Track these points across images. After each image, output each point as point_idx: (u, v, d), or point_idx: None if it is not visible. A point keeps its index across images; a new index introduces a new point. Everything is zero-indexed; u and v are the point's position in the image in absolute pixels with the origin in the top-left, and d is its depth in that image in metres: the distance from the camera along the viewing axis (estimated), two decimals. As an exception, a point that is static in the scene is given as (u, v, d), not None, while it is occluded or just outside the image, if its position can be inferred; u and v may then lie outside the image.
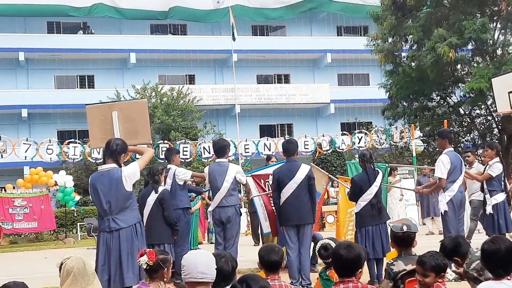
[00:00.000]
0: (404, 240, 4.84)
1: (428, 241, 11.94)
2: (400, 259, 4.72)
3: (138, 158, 6.04)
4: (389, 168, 16.26)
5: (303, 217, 7.60)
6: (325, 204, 19.12)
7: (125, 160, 5.96)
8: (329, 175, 9.32)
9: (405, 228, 4.87)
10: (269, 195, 8.70)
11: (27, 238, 20.49)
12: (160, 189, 7.90)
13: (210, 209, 8.16)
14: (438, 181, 7.97)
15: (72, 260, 3.69)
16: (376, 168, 8.06)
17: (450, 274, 4.59)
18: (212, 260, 3.58)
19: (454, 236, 5.10)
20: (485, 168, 8.94)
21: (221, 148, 8.12)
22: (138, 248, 5.53)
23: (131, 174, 5.60)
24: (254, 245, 14.89)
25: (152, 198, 7.88)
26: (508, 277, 3.43)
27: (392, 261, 4.75)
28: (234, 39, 24.68)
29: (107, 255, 5.54)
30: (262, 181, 8.97)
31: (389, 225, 5.03)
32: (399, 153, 25.69)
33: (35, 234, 20.40)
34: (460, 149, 25.20)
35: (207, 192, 11.01)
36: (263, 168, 9.59)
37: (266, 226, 8.77)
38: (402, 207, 15.61)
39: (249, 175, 9.10)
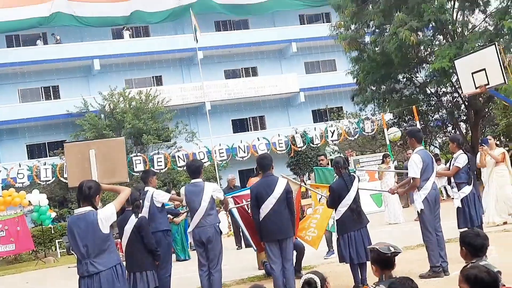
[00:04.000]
0: (389, 261, 4.83)
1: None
2: (382, 283, 4.72)
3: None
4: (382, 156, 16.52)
5: (284, 231, 7.61)
6: (304, 198, 19.24)
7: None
8: (301, 184, 9.36)
9: (392, 249, 4.85)
10: (247, 209, 8.69)
11: (6, 260, 20.20)
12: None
13: (189, 230, 8.11)
14: (412, 180, 8.07)
15: None
16: (351, 173, 8.12)
17: None
18: None
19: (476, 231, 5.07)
20: (450, 161, 9.06)
21: (196, 169, 8.06)
22: (119, 290, 5.50)
23: (106, 216, 5.55)
24: (237, 249, 14.94)
25: (129, 226, 7.73)
26: None
27: (374, 285, 4.76)
28: (196, 40, 24.58)
29: None
30: (244, 201, 8.97)
31: (374, 247, 4.99)
32: (372, 137, 25.90)
33: (14, 256, 20.13)
34: (430, 128, 25.58)
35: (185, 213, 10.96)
36: (242, 190, 9.58)
37: (254, 244, 8.75)
38: (396, 199, 15.60)
39: (230, 196, 9.08)
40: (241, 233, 15.19)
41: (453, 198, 15.84)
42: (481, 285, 3.48)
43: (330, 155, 27.67)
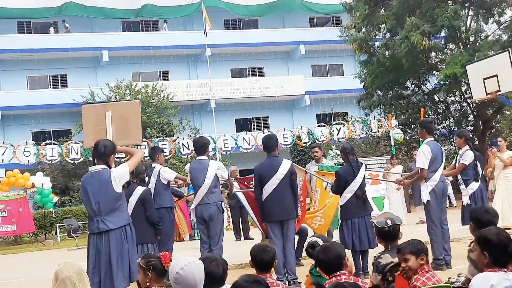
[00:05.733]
0: (390, 234, 4.86)
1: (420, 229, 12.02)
2: (387, 252, 4.75)
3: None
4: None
5: (286, 212, 7.58)
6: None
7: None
8: (307, 170, 9.32)
9: (389, 222, 4.89)
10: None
11: (6, 241, 20.22)
12: (142, 189, 7.84)
13: (192, 206, 8.13)
14: (419, 171, 8.01)
15: (68, 269, 3.59)
16: (359, 160, 8.09)
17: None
18: (203, 268, 3.53)
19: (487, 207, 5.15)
20: (456, 158, 8.97)
21: (201, 146, 8.08)
22: (128, 251, 5.51)
23: (120, 175, 5.60)
24: (236, 241, 14.94)
25: (134, 198, 7.80)
26: (505, 269, 3.43)
27: (379, 254, 4.78)
28: (205, 34, 24.63)
29: (97, 257, 5.54)
30: (246, 183, 8.95)
31: (373, 222, 5.05)
32: (376, 143, 25.87)
33: (14, 237, 20.15)
34: (436, 136, 25.54)
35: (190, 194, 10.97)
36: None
37: (260, 227, 8.72)
38: (400, 197, 15.54)
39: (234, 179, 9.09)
40: (240, 226, 15.23)
41: (455, 207, 15.72)
42: (490, 247, 3.46)
43: (333, 159, 27.64)
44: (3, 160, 16.84)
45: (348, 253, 7.83)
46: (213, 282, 3.58)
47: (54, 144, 17.37)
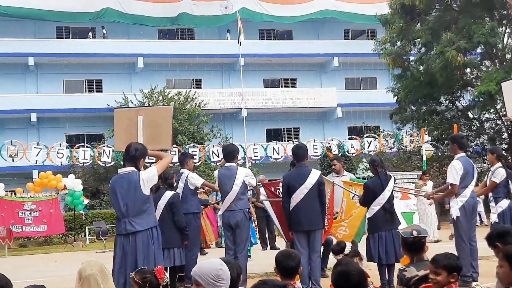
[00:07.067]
0: (415, 245, 4.82)
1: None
2: (412, 265, 4.72)
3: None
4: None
5: (313, 222, 7.57)
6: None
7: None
8: (334, 182, 9.28)
9: (415, 233, 4.85)
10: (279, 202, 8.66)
11: (36, 241, 20.57)
12: (171, 193, 7.91)
13: (219, 213, 8.18)
14: (450, 186, 7.91)
15: (92, 266, 3.66)
16: (388, 173, 8.04)
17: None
18: None
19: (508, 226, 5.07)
20: (487, 175, 8.82)
21: (230, 153, 8.13)
22: (154, 253, 5.58)
23: (148, 177, 5.66)
24: (262, 250, 14.92)
25: (162, 202, 7.89)
26: None
27: (404, 267, 4.75)
28: (240, 43, 24.80)
29: (123, 258, 5.60)
30: (273, 188, 8.96)
31: (399, 232, 5.02)
32: (407, 158, 25.61)
33: (44, 238, 20.50)
34: (469, 153, 25.14)
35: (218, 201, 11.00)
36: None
37: (284, 234, 8.72)
38: (431, 212, 15.40)
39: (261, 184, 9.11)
40: (266, 236, 15.19)
41: (486, 225, 15.49)
42: None
43: (363, 172, 27.44)
44: (37, 160, 17.17)
45: (373, 265, 7.87)
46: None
47: (87, 147, 17.62)
